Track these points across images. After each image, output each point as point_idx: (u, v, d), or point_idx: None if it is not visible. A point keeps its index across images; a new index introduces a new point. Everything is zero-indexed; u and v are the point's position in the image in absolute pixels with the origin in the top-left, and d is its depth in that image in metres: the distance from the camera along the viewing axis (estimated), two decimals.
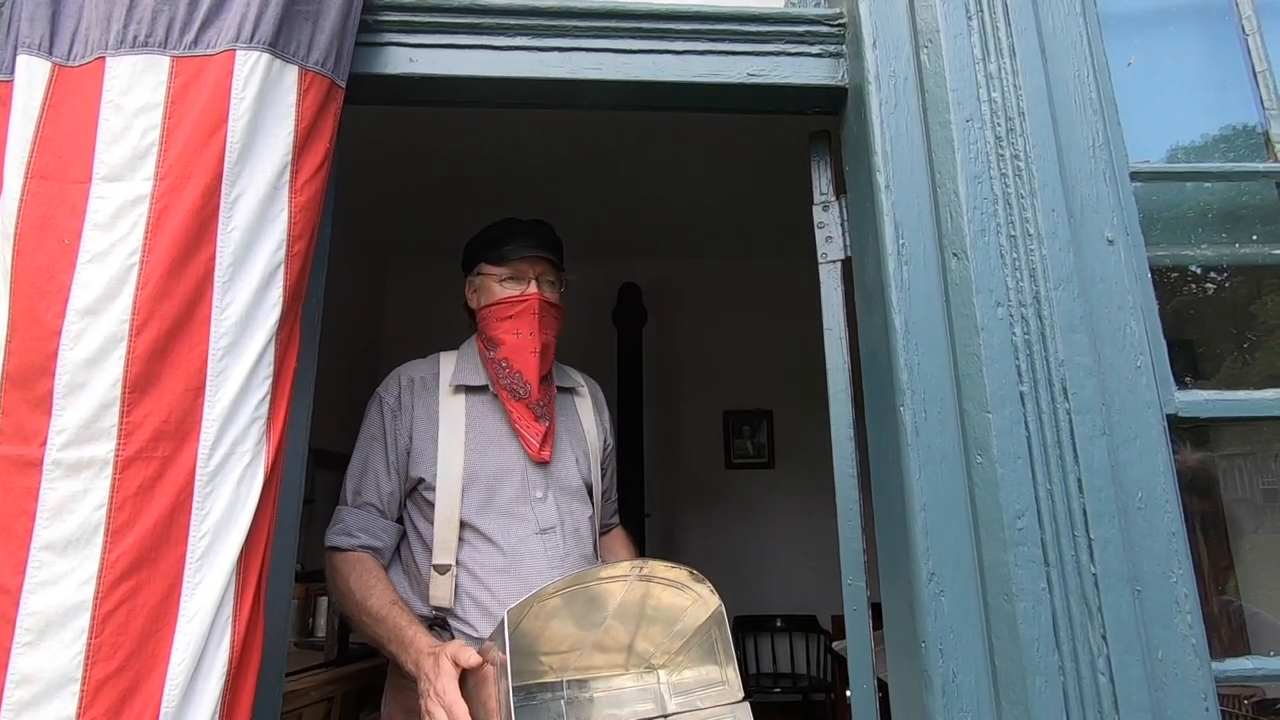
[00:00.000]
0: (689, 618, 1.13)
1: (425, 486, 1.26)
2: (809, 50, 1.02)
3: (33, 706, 0.70)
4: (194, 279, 0.80)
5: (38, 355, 0.76)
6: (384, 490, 1.27)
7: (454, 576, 1.22)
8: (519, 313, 1.31)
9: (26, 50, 0.84)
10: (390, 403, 1.30)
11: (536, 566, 1.23)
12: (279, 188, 0.86)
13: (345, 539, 1.24)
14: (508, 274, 1.33)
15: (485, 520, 1.24)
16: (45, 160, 0.81)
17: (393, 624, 1.13)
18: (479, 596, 1.21)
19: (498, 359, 1.32)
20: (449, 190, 3.38)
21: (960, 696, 0.76)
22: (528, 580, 1.22)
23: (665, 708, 1.15)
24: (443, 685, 1.00)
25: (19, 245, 0.79)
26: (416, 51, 0.99)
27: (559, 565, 1.25)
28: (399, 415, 1.29)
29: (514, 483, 1.28)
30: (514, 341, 1.30)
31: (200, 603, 0.75)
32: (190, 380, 0.79)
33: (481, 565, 1.22)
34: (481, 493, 1.25)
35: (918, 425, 0.83)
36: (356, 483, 1.28)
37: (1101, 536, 0.78)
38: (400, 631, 1.12)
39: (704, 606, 1.11)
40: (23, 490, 0.74)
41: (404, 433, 1.28)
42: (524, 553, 1.24)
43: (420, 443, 1.27)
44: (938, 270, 0.87)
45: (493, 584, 1.21)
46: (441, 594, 1.21)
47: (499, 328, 1.32)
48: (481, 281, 1.36)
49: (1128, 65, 0.97)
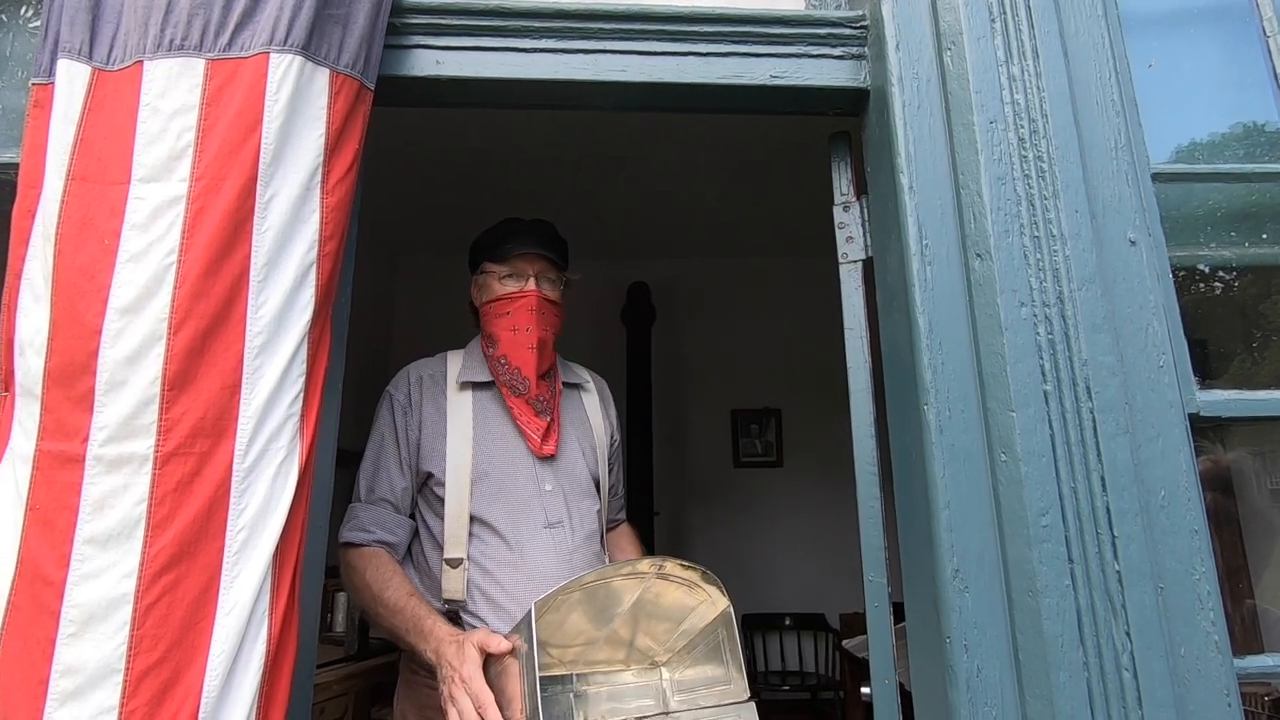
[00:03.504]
0: (696, 617, 1.13)
1: (435, 482, 1.27)
2: (831, 52, 1.02)
3: (77, 696, 0.71)
4: (230, 278, 0.81)
5: (79, 353, 0.78)
6: (397, 486, 1.29)
7: (465, 570, 1.23)
8: (516, 309, 1.32)
9: (67, 55, 0.86)
10: (400, 400, 1.32)
11: (545, 560, 1.25)
12: (311, 189, 0.88)
13: (360, 534, 1.26)
14: (507, 271, 1.35)
15: (494, 514, 1.25)
16: (85, 162, 0.83)
17: (411, 614, 1.14)
18: (489, 590, 1.22)
19: (497, 355, 1.34)
20: (458, 190, 3.40)
21: (985, 691, 0.77)
22: (536, 574, 1.23)
23: (667, 705, 1.15)
24: (468, 672, 1.00)
25: (60, 246, 0.80)
26: (443, 54, 1.00)
27: (567, 559, 1.26)
28: (409, 412, 1.31)
29: (521, 477, 1.29)
30: (511, 338, 1.32)
31: (238, 596, 0.76)
32: (227, 378, 0.80)
33: (491, 559, 1.23)
34: (490, 487, 1.26)
35: (942, 424, 0.84)
36: (370, 479, 1.30)
37: (1125, 534, 0.79)
38: (419, 621, 1.13)
39: (712, 607, 1.11)
40: (66, 485, 0.76)
41: (414, 429, 1.30)
42: (532, 547, 1.25)
43: (430, 439, 1.29)
44: (961, 270, 0.88)
45: (502, 578, 1.22)
46: (454, 587, 1.22)
47: (497, 324, 1.34)
48: (484, 279, 1.38)
49: (1149, 67, 0.98)
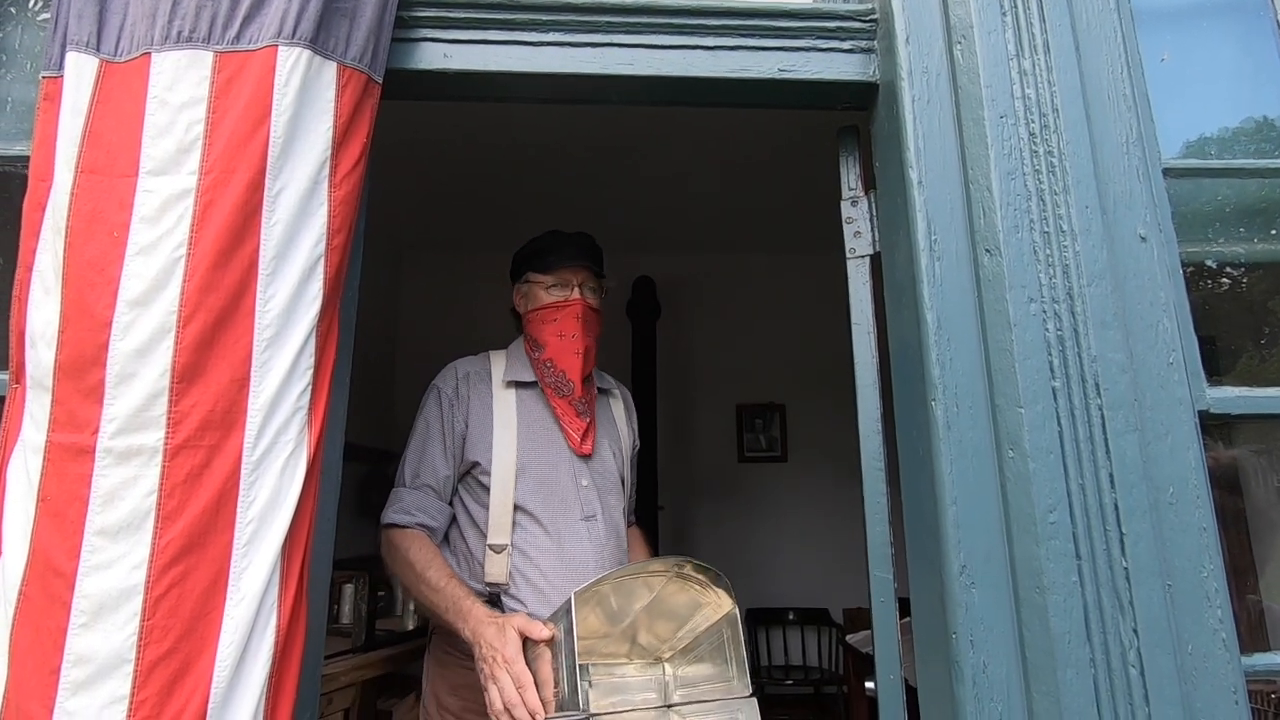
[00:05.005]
0: (701, 617, 1.16)
1: (480, 470, 1.35)
2: (840, 46, 1.02)
3: (88, 686, 0.72)
4: (239, 271, 0.82)
5: (89, 346, 0.78)
6: (440, 474, 1.36)
7: (509, 556, 1.31)
8: (563, 316, 1.41)
9: (75, 47, 0.86)
10: (448, 393, 1.39)
11: (582, 549, 1.34)
12: (319, 182, 0.88)
13: (404, 516, 1.34)
14: (553, 281, 1.43)
15: (536, 505, 1.33)
16: (94, 155, 0.83)
17: (451, 594, 1.22)
18: (530, 575, 1.30)
19: (544, 359, 1.43)
20: (463, 185, 3.39)
21: (991, 687, 0.77)
22: (573, 562, 1.32)
23: (669, 698, 1.18)
24: (510, 653, 1.07)
25: (70, 239, 0.81)
26: (451, 48, 1.00)
27: (600, 549, 1.35)
28: (455, 405, 1.38)
29: (561, 471, 1.37)
30: (559, 343, 1.41)
31: (247, 588, 0.77)
32: (236, 371, 0.80)
33: (532, 546, 1.32)
34: (533, 479, 1.35)
35: (949, 420, 0.84)
36: (415, 466, 1.37)
37: (1133, 531, 0.78)
38: (458, 602, 1.20)
39: (718, 608, 1.15)
40: (76, 477, 0.76)
41: (460, 420, 1.38)
42: (571, 536, 1.34)
43: (475, 430, 1.37)
44: (970, 266, 0.88)
45: (543, 564, 1.31)
46: (497, 571, 1.31)
47: (545, 330, 1.42)
48: (528, 289, 1.47)
49: (1161, 61, 0.97)
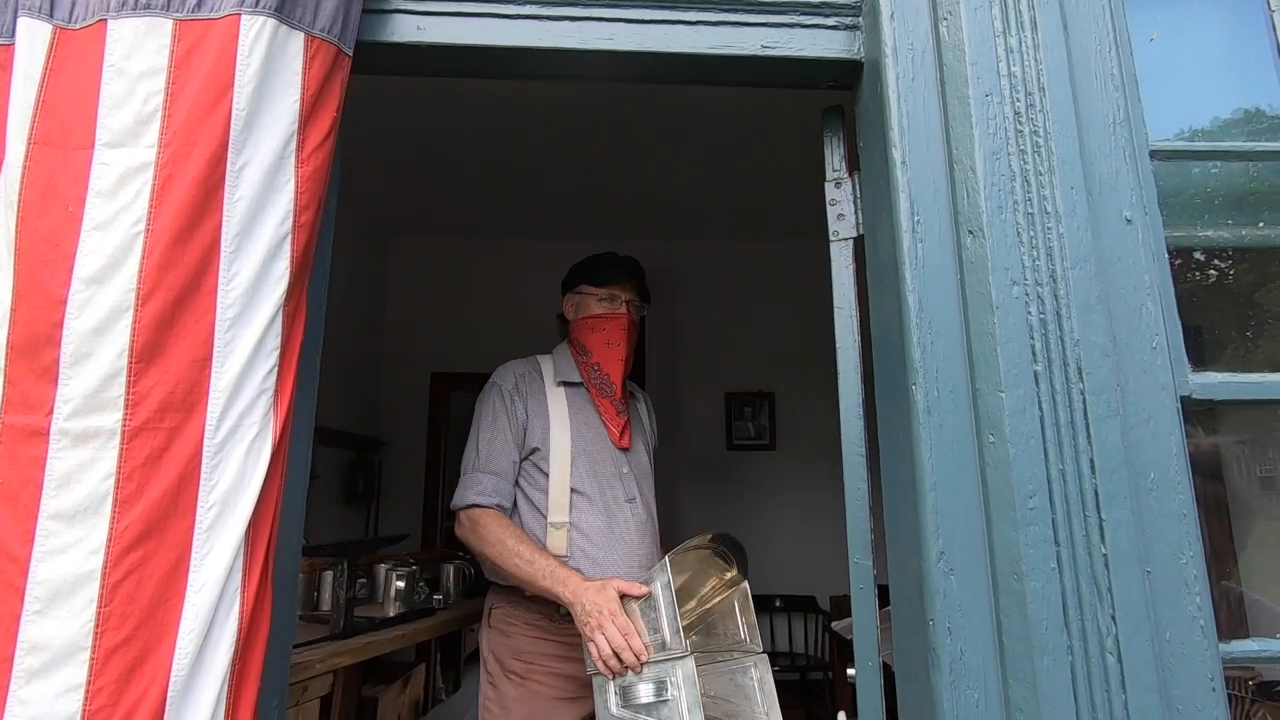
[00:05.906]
0: (712, 592, 1.34)
1: (539, 456, 1.55)
2: (824, 22, 0.99)
3: (43, 674, 0.70)
4: (200, 249, 0.79)
5: (43, 324, 0.75)
6: (507, 459, 1.54)
7: (568, 532, 1.51)
8: (611, 327, 1.63)
9: (27, 12, 0.82)
10: (508, 389, 1.59)
11: (628, 527, 1.55)
12: (285, 157, 0.85)
13: (485, 498, 1.51)
14: (604, 295, 1.65)
15: (589, 487, 1.54)
16: (48, 125, 0.80)
17: (545, 563, 1.40)
18: (586, 548, 1.51)
19: (590, 363, 1.64)
20: (448, 170, 3.34)
21: (968, 674, 0.76)
22: (623, 538, 1.54)
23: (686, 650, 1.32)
24: (615, 608, 1.28)
25: (23, 213, 0.78)
26: (425, 19, 0.96)
27: (640, 527, 1.57)
28: (515, 399, 1.58)
29: (607, 460, 1.59)
30: (605, 350, 1.63)
31: (209, 573, 0.75)
32: (197, 351, 0.78)
33: (588, 524, 1.52)
34: (585, 465, 1.55)
35: (930, 404, 0.82)
36: (486, 453, 1.55)
37: (1113, 517, 0.77)
38: (554, 569, 1.39)
39: (729, 586, 1.33)
40: (30, 460, 0.74)
41: (520, 413, 1.57)
42: (619, 515, 1.55)
43: (534, 421, 1.57)
44: (953, 248, 0.86)
45: (597, 539, 1.52)
46: (557, 545, 1.50)
47: (593, 337, 1.64)
48: (580, 299, 1.67)
49: (1150, 41, 0.95)
